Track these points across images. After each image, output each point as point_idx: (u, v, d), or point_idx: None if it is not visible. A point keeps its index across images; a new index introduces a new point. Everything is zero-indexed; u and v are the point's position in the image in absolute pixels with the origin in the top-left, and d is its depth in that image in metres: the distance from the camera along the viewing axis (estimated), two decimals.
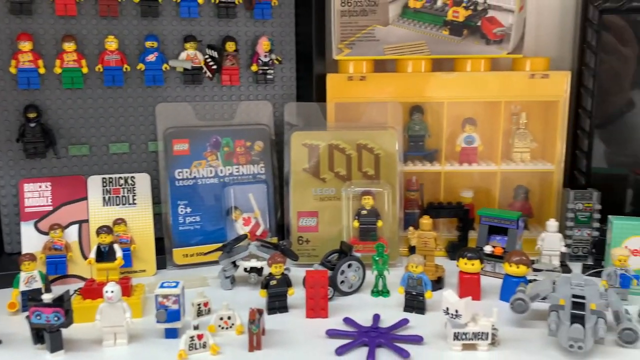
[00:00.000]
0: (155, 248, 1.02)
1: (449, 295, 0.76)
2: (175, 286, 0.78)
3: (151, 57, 1.04)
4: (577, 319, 0.74)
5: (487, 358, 0.75)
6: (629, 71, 1.08)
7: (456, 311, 0.75)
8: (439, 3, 1.04)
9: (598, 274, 0.93)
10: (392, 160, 1.06)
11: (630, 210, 1.12)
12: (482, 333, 0.75)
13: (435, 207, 1.10)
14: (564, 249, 1.02)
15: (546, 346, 0.77)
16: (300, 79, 1.15)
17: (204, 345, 0.75)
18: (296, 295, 0.89)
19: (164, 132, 1.05)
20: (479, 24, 1.04)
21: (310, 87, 1.11)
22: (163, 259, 1.04)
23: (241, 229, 1.07)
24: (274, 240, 1.07)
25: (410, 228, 0.98)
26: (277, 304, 0.88)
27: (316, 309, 0.86)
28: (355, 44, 1.06)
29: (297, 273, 0.91)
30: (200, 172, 1.07)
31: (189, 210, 1.06)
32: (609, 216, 0.96)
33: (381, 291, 0.94)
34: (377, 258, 0.94)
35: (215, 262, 1.00)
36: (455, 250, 1.03)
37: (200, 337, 0.75)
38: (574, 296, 0.76)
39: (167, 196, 1.05)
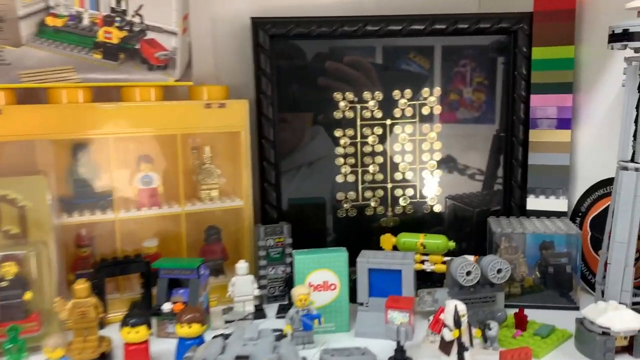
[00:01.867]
0: None
1: None
2: None
3: None
4: None
5: None
6: (306, 97, 1.06)
7: None
8: (86, 22, 0.87)
9: None
10: (43, 213, 0.84)
11: (332, 239, 1.10)
12: None
13: (109, 264, 0.92)
14: (257, 292, 0.93)
15: None
16: None
17: None
18: None
19: None
20: (137, 46, 0.90)
21: None
22: None
23: None
24: None
25: (58, 298, 0.77)
26: None
27: None
28: None
29: None
30: None
31: None
32: (293, 251, 0.90)
33: None
34: (8, 345, 0.71)
35: None
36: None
37: None
38: (238, 357, 0.65)
39: None
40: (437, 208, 1.11)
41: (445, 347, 0.72)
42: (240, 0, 1.06)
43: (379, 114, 1.07)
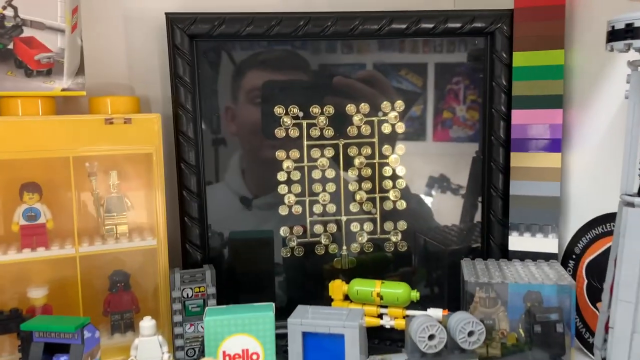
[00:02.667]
0: None
1: None
2: None
3: None
4: None
5: None
6: (240, 112, 0.87)
7: None
8: None
9: None
10: None
11: (272, 287, 0.90)
12: None
13: None
14: (166, 357, 0.74)
15: None
16: None
17: None
18: None
19: None
20: (10, 46, 0.71)
21: None
22: None
23: None
24: None
25: None
26: None
27: None
28: None
29: None
30: None
31: None
32: (207, 308, 0.70)
33: None
34: None
35: None
36: None
37: None
38: None
39: None
40: (402, 246, 0.91)
41: None
42: None
43: (329, 132, 0.88)
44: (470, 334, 0.70)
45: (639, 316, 0.64)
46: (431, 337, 0.69)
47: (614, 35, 0.63)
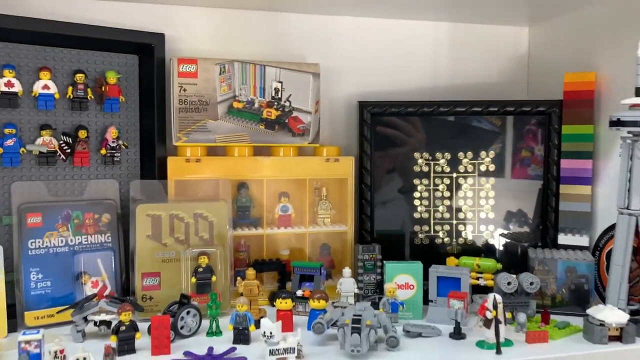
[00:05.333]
0: (6, 313, 1.12)
1: (265, 322, 1.01)
2: (37, 333, 0.92)
3: (9, 142, 1.19)
4: (355, 330, 1.04)
5: None
6: (394, 156, 1.49)
7: (270, 333, 1.00)
8: (256, 105, 1.36)
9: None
10: (223, 227, 1.31)
11: (404, 257, 1.50)
12: (290, 348, 1.01)
13: (260, 263, 1.36)
14: (356, 290, 1.33)
15: (338, 356, 1.05)
16: (144, 161, 1.36)
17: None
18: (143, 341, 1.06)
19: (18, 207, 1.18)
20: (286, 121, 1.38)
21: (153, 168, 1.33)
22: (14, 322, 1.14)
23: (90, 291, 1.22)
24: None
25: (238, 278, 1.22)
26: (126, 347, 1.05)
27: (160, 347, 1.04)
28: (191, 134, 1.32)
29: (143, 326, 1.09)
30: (52, 242, 1.21)
31: (40, 276, 1.18)
32: (385, 262, 1.31)
33: (215, 332, 1.15)
34: (211, 304, 1.16)
35: (66, 323, 1.13)
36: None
37: None
38: (354, 316, 1.06)
39: (20, 264, 1.17)
40: (491, 241, 1.49)
41: (487, 323, 1.09)
42: (350, 88, 1.53)
43: (447, 169, 1.48)
44: (532, 283, 1.26)
45: (625, 273, 1.18)
46: (509, 283, 1.25)
47: (611, 123, 1.19)
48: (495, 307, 1.08)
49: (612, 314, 1.12)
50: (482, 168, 1.47)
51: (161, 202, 1.29)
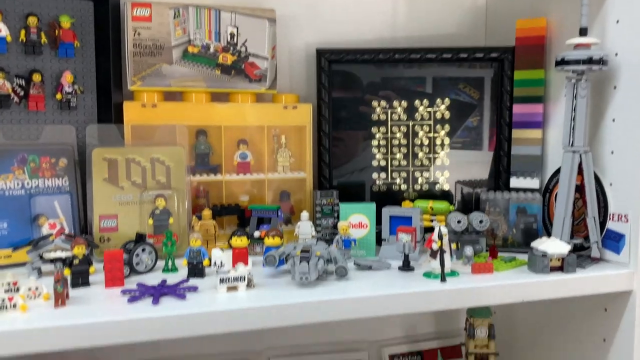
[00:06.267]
0: None
1: (215, 252, 1.04)
2: None
3: None
4: (305, 259, 1.07)
5: (245, 296, 1.03)
6: (352, 103, 1.51)
7: (221, 262, 1.03)
8: (212, 50, 1.37)
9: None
10: (180, 171, 1.32)
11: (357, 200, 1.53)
12: (241, 277, 1.03)
13: (219, 209, 1.38)
14: (314, 233, 1.37)
15: (288, 286, 1.08)
16: (100, 107, 1.36)
17: (14, 306, 0.91)
18: (99, 276, 1.08)
19: None
20: (242, 66, 1.39)
21: (109, 113, 1.34)
22: None
23: (47, 231, 1.23)
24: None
25: (194, 218, 1.25)
26: (81, 280, 1.06)
27: (114, 279, 1.06)
28: (145, 78, 1.33)
29: (100, 267, 1.10)
30: (7, 185, 1.22)
31: None
32: (339, 202, 1.34)
33: (170, 269, 1.18)
34: (166, 242, 1.18)
35: (23, 264, 1.15)
36: None
37: (10, 299, 0.91)
38: (304, 247, 1.10)
39: None
40: (446, 187, 1.52)
41: (433, 254, 1.13)
42: (309, 36, 1.54)
43: (404, 117, 1.50)
44: (481, 221, 1.30)
45: (568, 208, 1.22)
46: (459, 221, 1.29)
47: (557, 63, 1.23)
48: (440, 237, 1.12)
49: (554, 245, 1.16)
50: (438, 115, 1.50)
51: (118, 146, 1.30)
